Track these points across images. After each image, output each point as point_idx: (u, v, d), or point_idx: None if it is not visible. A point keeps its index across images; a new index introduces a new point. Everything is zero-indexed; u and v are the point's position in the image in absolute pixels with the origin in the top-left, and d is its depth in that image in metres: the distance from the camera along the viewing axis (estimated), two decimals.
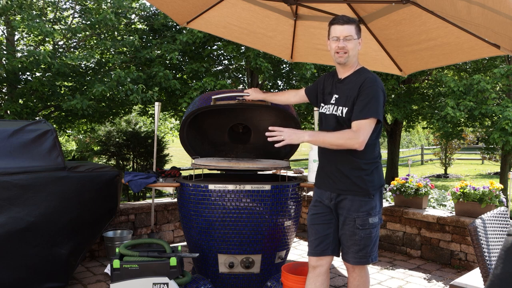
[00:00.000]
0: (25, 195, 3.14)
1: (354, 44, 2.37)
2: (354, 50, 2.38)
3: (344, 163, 2.39)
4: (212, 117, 3.86)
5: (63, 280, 3.43)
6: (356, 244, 2.37)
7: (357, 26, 2.40)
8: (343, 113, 2.36)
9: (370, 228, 2.37)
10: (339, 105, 2.39)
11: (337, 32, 2.36)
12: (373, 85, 2.30)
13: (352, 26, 2.36)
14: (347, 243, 2.41)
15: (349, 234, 2.39)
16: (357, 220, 2.35)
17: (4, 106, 6.86)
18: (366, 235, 2.36)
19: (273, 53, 4.10)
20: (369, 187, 2.36)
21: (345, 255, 2.45)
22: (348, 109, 2.35)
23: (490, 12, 2.33)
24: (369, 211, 2.36)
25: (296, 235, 5.33)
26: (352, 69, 2.44)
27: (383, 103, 2.34)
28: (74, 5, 8.19)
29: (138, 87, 7.25)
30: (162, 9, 3.40)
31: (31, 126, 3.38)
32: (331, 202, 2.46)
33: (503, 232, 2.35)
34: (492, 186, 4.04)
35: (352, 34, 2.35)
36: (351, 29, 2.35)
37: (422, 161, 22.13)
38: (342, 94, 2.41)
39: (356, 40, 2.38)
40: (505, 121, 7.64)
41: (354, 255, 2.40)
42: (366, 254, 2.39)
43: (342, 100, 2.39)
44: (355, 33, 2.37)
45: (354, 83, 2.37)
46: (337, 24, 2.37)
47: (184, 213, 3.33)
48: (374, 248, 2.42)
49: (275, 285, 3.25)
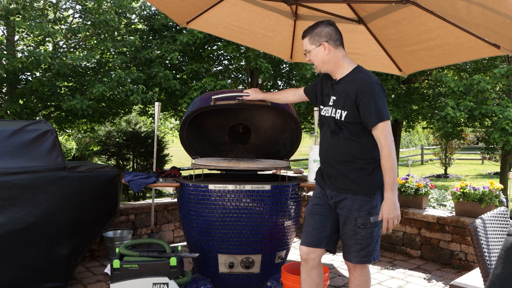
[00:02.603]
0: (25, 195, 3.14)
1: (312, 55, 2.43)
2: (317, 59, 2.43)
3: (344, 164, 2.39)
4: (212, 117, 3.86)
5: (63, 280, 3.43)
6: (358, 243, 2.38)
7: (311, 36, 2.42)
8: (342, 117, 2.36)
9: (371, 227, 2.37)
10: (337, 108, 2.40)
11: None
12: (371, 89, 2.30)
13: (306, 39, 2.45)
14: (349, 243, 2.42)
15: (351, 233, 2.39)
16: (358, 220, 2.35)
17: (4, 106, 6.86)
18: (367, 234, 2.37)
19: (273, 53, 4.10)
20: (370, 186, 2.36)
21: (347, 255, 2.45)
22: (347, 113, 2.35)
23: (490, 12, 2.33)
24: (370, 210, 2.36)
25: (296, 235, 5.33)
26: (344, 70, 2.43)
27: (385, 99, 2.36)
28: (74, 5, 8.19)
29: (139, 87, 7.25)
30: (162, 9, 3.40)
31: (31, 126, 3.38)
32: (331, 200, 2.47)
33: (503, 232, 2.35)
34: (492, 186, 4.05)
35: (307, 47, 2.44)
36: (305, 43, 2.45)
37: (422, 161, 22.13)
38: (339, 96, 2.41)
39: (313, 50, 2.42)
40: (506, 121, 7.65)
41: (356, 254, 2.40)
42: (368, 253, 2.40)
43: (340, 102, 2.39)
44: (309, 44, 2.43)
45: (349, 85, 2.37)
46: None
47: (184, 213, 3.34)
48: (375, 247, 2.42)
49: (275, 285, 3.25)
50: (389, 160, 2.26)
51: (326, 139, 2.50)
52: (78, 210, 3.42)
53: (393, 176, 2.26)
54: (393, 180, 2.26)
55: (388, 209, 2.26)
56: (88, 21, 7.66)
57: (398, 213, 2.27)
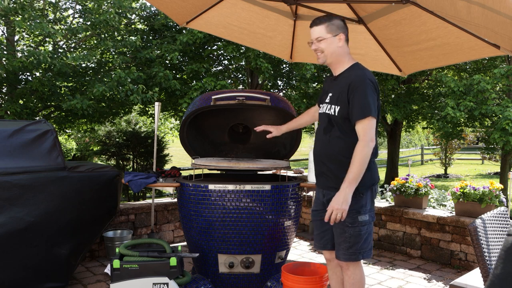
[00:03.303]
0: (25, 195, 3.14)
1: (327, 43, 2.42)
2: (329, 48, 2.43)
3: (334, 163, 2.42)
4: (212, 117, 3.86)
5: (63, 280, 3.43)
6: (346, 241, 2.40)
7: (329, 25, 2.43)
8: (336, 112, 2.40)
9: (359, 226, 2.39)
10: (332, 103, 2.44)
11: (311, 35, 2.47)
12: (362, 83, 2.32)
13: (321, 27, 2.43)
14: (338, 240, 2.45)
15: (339, 231, 2.42)
16: (346, 218, 2.36)
17: (4, 106, 6.86)
18: (355, 233, 2.39)
19: (273, 53, 4.10)
20: (359, 185, 2.35)
21: (337, 252, 2.49)
22: (339, 107, 2.38)
23: (490, 12, 2.33)
24: (358, 209, 2.37)
25: (296, 235, 5.33)
26: (344, 66, 2.47)
27: (376, 97, 2.36)
28: (74, 5, 8.19)
29: (139, 87, 7.25)
30: (162, 9, 3.40)
31: (31, 126, 3.38)
32: (324, 198, 2.52)
33: (503, 232, 2.35)
34: (492, 186, 4.04)
35: (322, 35, 2.42)
36: (320, 30, 2.43)
37: (422, 161, 22.13)
38: (335, 92, 2.45)
39: (329, 39, 2.42)
40: (506, 121, 7.65)
41: (344, 252, 2.42)
42: (356, 251, 2.41)
43: (335, 98, 2.44)
44: (325, 33, 2.42)
45: (344, 80, 2.41)
46: (310, 27, 2.48)
47: (184, 213, 3.34)
48: (364, 245, 2.42)
49: (275, 285, 3.25)
50: (359, 155, 2.27)
51: (318, 137, 2.55)
52: (78, 210, 3.42)
53: (357, 171, 2.26)
54: (355, 175, 2.26)
55: (337, 200, 2.27)
56: (88, 21, 7.66)
57: (345, 208, 2.26)
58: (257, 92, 3.59)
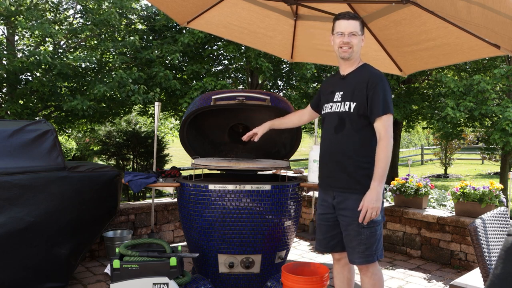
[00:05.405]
0: (25, 195, 3.14)
1: (358, 40, 2.44)
2: (358, 45, 2.45)
3: (348, 161, 2.40)
4: (212, 117, 3.86)
5: (63, 280, 3.43)
6: (362, 243, 2.38)
7: (361, 22, 2.47)
8: (351, 108, 2.39)
9: (374, 226, 2.38)
10: (346, 101, 2.43)
11: (342, 27, 2.43)
12: (381, 80, 2.37)
13: (357, 22, 2.44)
14: (352, 244, 2.41)
15: (354, 234, 2.39)
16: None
17: (4, 106, 6.86)
18: (371, 234, 2.37)
19: (273, 53, 4.10)
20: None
21: (351, 256, 2.44)
22: (356, 103, 2.38)
23: (490, 12, 2.33)
24: None
25: (296, 235, 5.33)
26: (355, 65, 2.49)
27: (391, 95, 2.42)
28: (75, 5, 8.19)
29: (140, 87, 7.25)
30: (162, 9, 3.40)
31: (31, 126, 3.38)
32: (334, 200, 2.48)
33: (503, 232, 2.35)
34: (492, 186, 4.04)
35: (357, 30, 2.42)
36: (356, 25, 2.43)
37: (422, 161, 22.13)
38: (347, 90, 2.44)
39: (360, 36, 2.45)
40: (506, 121, 7.65)
41: (360, 255, 2.39)
42: (372, 252, 2.40)
43: (348, 95, 2.43)
44: (359, 29, 2.44)
45: (360, 78, 2.42)
46: (343, 19, 2.44)
47: (184, 213, 3.34)
48: (379, 246, 2.43)
49: (275, 285, 3.25)
50: (384, 152, 2.29)
51: (328, 137, 2.51)
52: (78, 210, 3.42)
53: (384, 168, 2.29)
54: (383, 172, 2.28)
55: (371, 199, 2.27)
56: (89, 21, 7.66)
57: (378, 205, 2.28)
58: (257, 92, 3.59)
